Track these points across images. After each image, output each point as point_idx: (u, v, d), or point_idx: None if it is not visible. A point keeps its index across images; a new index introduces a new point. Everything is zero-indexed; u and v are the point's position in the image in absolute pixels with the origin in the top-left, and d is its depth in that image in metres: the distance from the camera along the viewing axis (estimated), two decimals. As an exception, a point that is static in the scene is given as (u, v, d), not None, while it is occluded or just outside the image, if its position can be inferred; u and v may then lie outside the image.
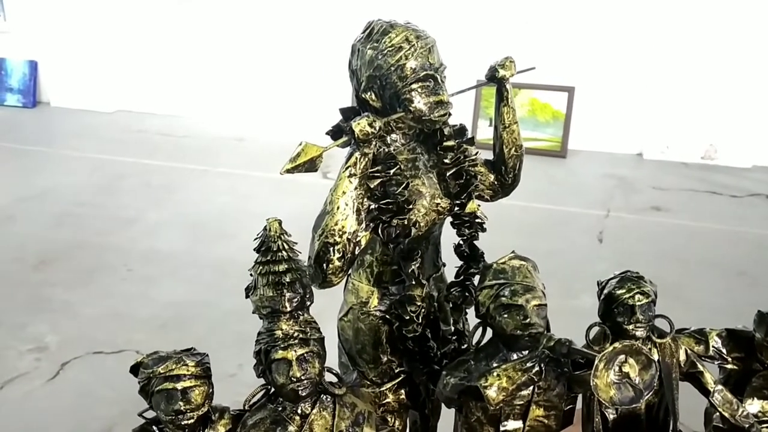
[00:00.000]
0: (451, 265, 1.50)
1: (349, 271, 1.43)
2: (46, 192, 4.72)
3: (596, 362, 1.07)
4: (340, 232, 1.23)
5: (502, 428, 1.31)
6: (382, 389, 1.46)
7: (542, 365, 1.23)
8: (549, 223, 4.20)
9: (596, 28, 4.99)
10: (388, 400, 1.46)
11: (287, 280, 1.14)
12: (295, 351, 1.13)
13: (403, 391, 1.48)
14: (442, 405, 1.61)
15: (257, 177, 5.00)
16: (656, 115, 5.12)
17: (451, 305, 1.44)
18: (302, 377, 1.13)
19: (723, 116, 5.03)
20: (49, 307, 3.47)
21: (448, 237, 1.49)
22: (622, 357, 1.08)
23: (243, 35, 5.87)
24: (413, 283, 1.31)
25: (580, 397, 1.45)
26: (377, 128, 1.19)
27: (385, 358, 1.44)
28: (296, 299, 1.14)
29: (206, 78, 6.04)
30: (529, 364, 1.23)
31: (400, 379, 1.47)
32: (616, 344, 1.08)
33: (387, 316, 1.40)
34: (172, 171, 5.11)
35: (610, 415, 1.46)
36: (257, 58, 5.89)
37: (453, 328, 1.46)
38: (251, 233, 1.25)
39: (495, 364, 1.27)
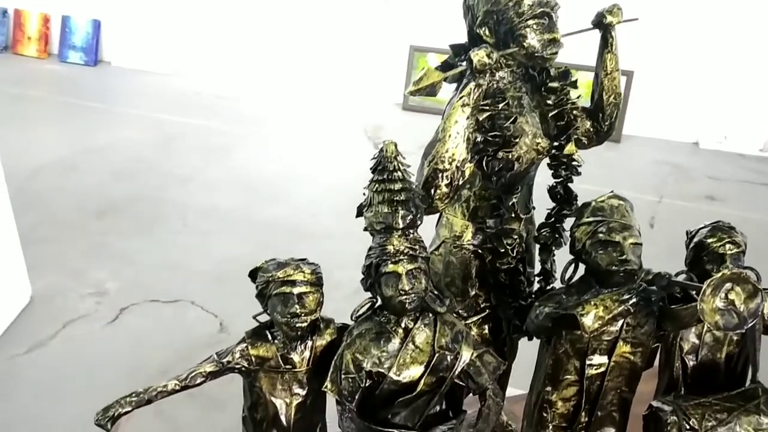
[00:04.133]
0: (539, 210, 1.55)
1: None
2: (106, 147, 4.85)
3: (704, 287, 1.10)
4: (450, 159, 1.28)
5: (587, 362, 1.35)
6: (467, 323, 1.51)
7: (638, 298, 1.27)
8: (600, 206, 4.19)
9: (660, 12, 4.93)
10: (472, 333, 1.51)
11: (401, 198, 1.19)
12: (405, 266, 1.18)
13: (486, 326, 1.54)
14: (518, 347, 1.67)
15: (309, 145, 5.08)
16: (714, 104, 5.07)
17: (540, 245, 1.49)
18: (410, 290, 1.18)
19: (784, 109, 4.96)
20: (109, 255, 3.58)
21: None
22: (729, 284, 1.11)
23: (304, 6, 5.93)
24: (512, 216, 1.36)
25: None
26: (494, 59, 1.24)
27: (473, 292, 1.49)
28: (409, 217, 1.19)
29: (264, 47, 6.11)
30: (626, 296, 1.27)
31: (485, 314, 1.52)
32: (725, 271, 1.12)
33: (479, 251, 1.46)
34: (228, 133, 5.21)
35: (690, 362, 1.50)
36: (316, 31, 5.95)
37: (540, 269, 1.50)
38: (300, 197, 1.30)
39: (587, 298, 1.31)
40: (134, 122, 5.34)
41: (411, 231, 1.21)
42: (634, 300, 1.28)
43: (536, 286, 1.53)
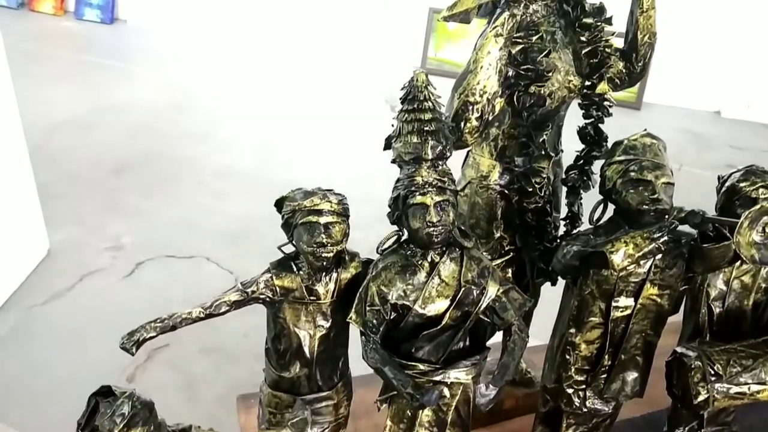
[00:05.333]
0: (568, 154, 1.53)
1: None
2: (122, 105, 4.84)
3: (741, 220, 1.08)
4: (481, 92, 1.26)
5: (614, 304, 1.32)
6: (490, 265, 1.49)
7: (669, 237, 1.25)
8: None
9: (683, -22, 4.85)
10: (497, 272, 1.50)
11: (431, 128, 1.16)
12: (433, 197, 1.16)
13: (510, 270, 1.52)
14: (541, 291, 1.66)
15: (327, 108, 5.05)
16: (737, 72, 4.98)
17: (568, 187, 1.46)
18: (437, 222, 1.16)
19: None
20: (125, 211, 3.60)
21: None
22: (766, 218, 1.08)
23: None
24: (542, 153, 1.34)
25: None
26: None
27: (498, 234, 1.48)
28: (438, 148, 1.16)
29: (283, 10, 6.06)
30: (657, 234, 1.25)
31: (509, 257, 1.51)
32: (764, 203, 1.09)
33: (506, 191, 1.44)
34: (244, 94, 5.19)
35: (716, 309, 1.48)
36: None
37: (566, 212, 1.48)
38: (317, 160, 1.27)
39: (617, 236, 1.28)
40: (150, 81, 5.32)
41: (440, 162, 1.19)
42: (665, 238, 1.25)
43: (562, 230, 1.52)
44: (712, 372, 1.37)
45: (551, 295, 1.58)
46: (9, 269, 2.90)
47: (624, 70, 1.44)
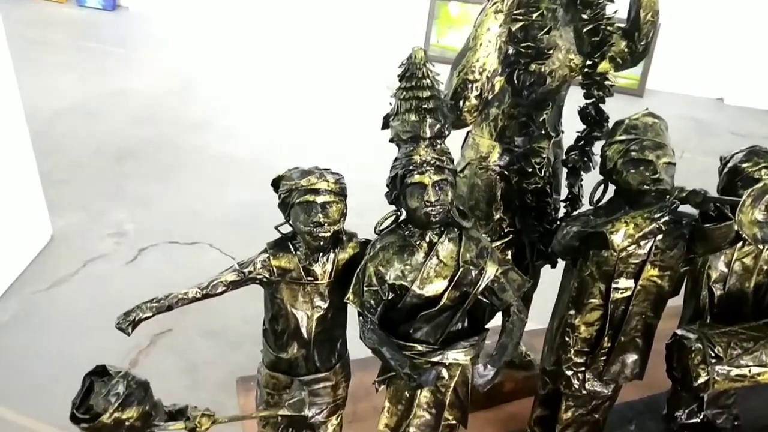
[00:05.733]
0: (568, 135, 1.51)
1: (471, 127, 1.44)
2: (124, 92, 4.83)
3: (743, 199, 1.06)
4: (481, 69, 1.24)
5: (613, 285, 1.31)
6: (490, 247, 1.48)
7: (670, 217, 1.23)
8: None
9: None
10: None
11: (430, 106, 1.15)
12: (431, 176, 1.15)
13: (509, 252, 1.51)
14: (541, 274, 1.65)
15: (328, 95, 5.03)
16: (740, 60, 4.93)
17: (568, 168, 1.45)
18: (435, 202, 1.14)
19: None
20: (128, 198, 3.60)
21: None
22: (769, 197, 1.07)
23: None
24: (542, 132, 1.32)
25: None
26: None
27: (497, 216, 1.47)
28: (437, 126, 1.15)
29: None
30: (657, 214, 1.24)
31: (509, 239, 1.50)
32: (767, 181, 1.08)
33: (506, 172, 1.42)
34: (246, 81, 5.17)
35: (717, 291, 1.47)
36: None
37: (566, 193, 1.47)
38: (319, 147, 1.25)
39: (617, 217, 1.27)
40: (152, 68, 5.31)
41: (438, 141, 1.17)
42: (666, 218, 1.24)
43: (562, 212, 1.50)
44: (713, 354, 1.36)
45: (550, 278, 1.57)
46: (12, 255, 2.90)
47: (626, 50, 1.42)
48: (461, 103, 1.25)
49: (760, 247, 1.40)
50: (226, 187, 3.76)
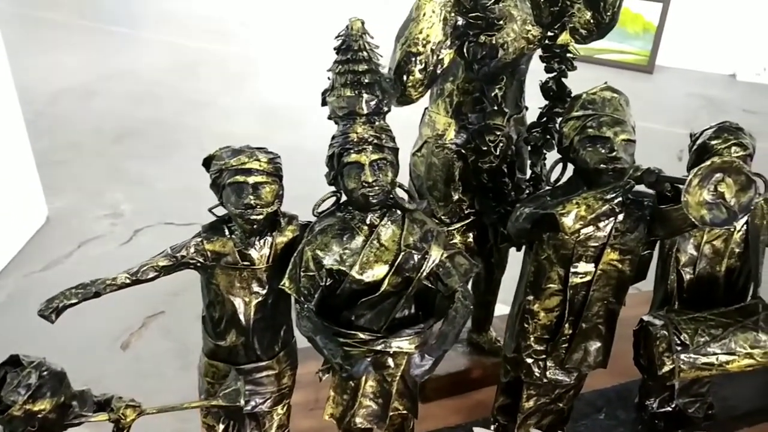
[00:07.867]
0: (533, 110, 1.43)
1: (427, 103, 1.38)
2: (126, 71, 4.80)
3: (690, 177, 0.98)
4: (424, 41, 1.17)
5: (572, 270, 1.24)
6: (450, 229, 1.42)
7: (625, 198, 1.16)
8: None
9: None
10: (455, 240, 1.43)
11: (366, 80, 1.08)
12: (369, 155, 1.08)
13: (471, 234, 1.45)
14: (508, 257, 1.58)
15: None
16: (753, 35, 4.75)
17: (530, 147, 1.37)
18: (373, 182, 1.08)
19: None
20: (125, 178, 3.57)
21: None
22: (719, 175, 0.98)
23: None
24: (495, 109, 1.25)
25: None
26: None
27: (456, 197, 1.40)
28: (373, 102, 1.09)
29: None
30: (611, 195, 1.16)
31: (469, 221, 1.43)
32: (715, 159, 0.99)
33: (463, 151, 1.35)
34: (247, 60, 5.12)
35: (687, 275, 1.39)
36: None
37: (530, 173, 1.39)
38: (318, 125, 1.19)
39: (569, 198, 1.20)
40: (154, 47, 5.27)
41: (377, 118, 1.11)
42: (619, 199, 1.16)
43: (526, 193, 1.43)
44: (678, 341, 1.29)
45: (521, 260, 1.51)
46: (7, 236, 2.89)
47: (592, 21, 1.34)
48: (405, 77, 1.19)
49: (707, 230, 1.31)
50: (225, 167, 3.73)
